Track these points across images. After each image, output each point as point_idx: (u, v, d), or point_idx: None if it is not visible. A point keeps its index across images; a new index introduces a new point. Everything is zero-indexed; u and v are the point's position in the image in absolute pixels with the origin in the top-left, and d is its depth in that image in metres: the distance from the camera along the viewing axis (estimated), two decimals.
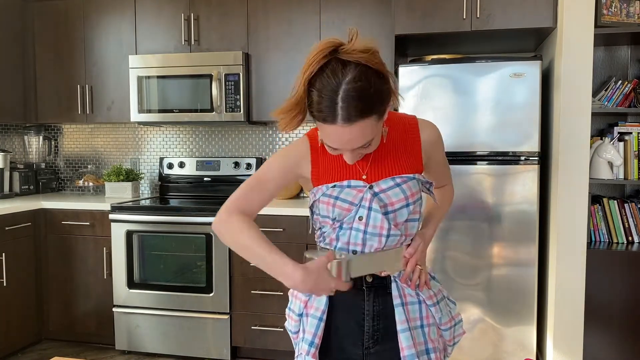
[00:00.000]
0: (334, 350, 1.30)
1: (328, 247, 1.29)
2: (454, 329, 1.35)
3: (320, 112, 1.07)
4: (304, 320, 1.32)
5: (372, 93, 1.06)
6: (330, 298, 1.29)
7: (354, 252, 1.25)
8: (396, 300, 1.26)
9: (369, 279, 1.27)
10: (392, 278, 1.27)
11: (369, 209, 1.21)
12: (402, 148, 1.26)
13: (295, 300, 1.35)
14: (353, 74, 1.05)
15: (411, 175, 1.24)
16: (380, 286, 1.27)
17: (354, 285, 1.25)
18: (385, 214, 1.22)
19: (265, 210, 2.98)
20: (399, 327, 1.24)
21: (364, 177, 1.24)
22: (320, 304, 1.29)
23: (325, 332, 1.29)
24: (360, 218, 1.22)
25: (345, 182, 1.23)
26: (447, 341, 1.35)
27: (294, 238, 2.96)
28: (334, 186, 1.23)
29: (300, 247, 2.94)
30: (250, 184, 1.28)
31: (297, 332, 1.34)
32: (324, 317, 1.28)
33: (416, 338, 1.25)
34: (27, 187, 3.75)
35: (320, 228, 1.30)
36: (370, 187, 1.22)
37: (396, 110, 1.74)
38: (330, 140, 1.12)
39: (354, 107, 1.05)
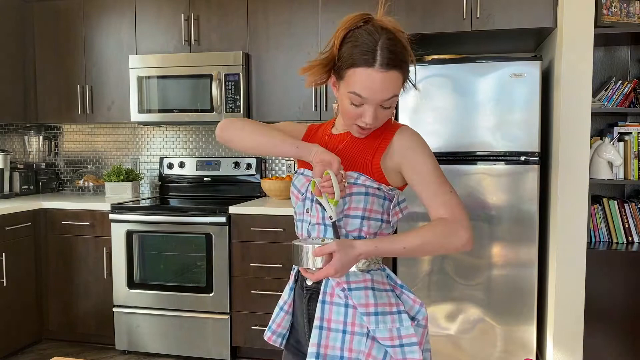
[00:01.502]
0: (298, 344, 1.35)
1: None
2: (400, 349, 1.18)
3: (361, 55, 1.14)
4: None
5: (404, 52, 1.19)
6: (293, 293, 1.34)
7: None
8: (320, 297, 1.23)
9: (309, 283, 1.27)
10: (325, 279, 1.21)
11: (312, 200, 1.25)
12: (368, 147, 1.25)
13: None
14: (389, 34, 1.17)
15: (355, 173, 1.22)
16: (315, 290, 1.26)
17: (301, 285, 1.31)
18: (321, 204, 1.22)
19: (265, 211, 2.98)
20: (314, 322, 1.21)
21: None
22: (285, 294, 1.36)
23: (293, 325, 1.36)
24: (308, 210, 1.26)
25: (301, 170, 1.31)
26: (395, 359, 1.19)
27: (294, 238, 2.95)
28: (295, 172, 1.34)
29: None
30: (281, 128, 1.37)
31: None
32: (286, 308, 1.35)
33: (329, 340, 1.19)
34: (27, 187, 3.75)
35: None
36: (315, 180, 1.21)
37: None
38: (362, 87, 1.14)
39: (392, 56, 1.15)
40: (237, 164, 3.58)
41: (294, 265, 1.30)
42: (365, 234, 1.22)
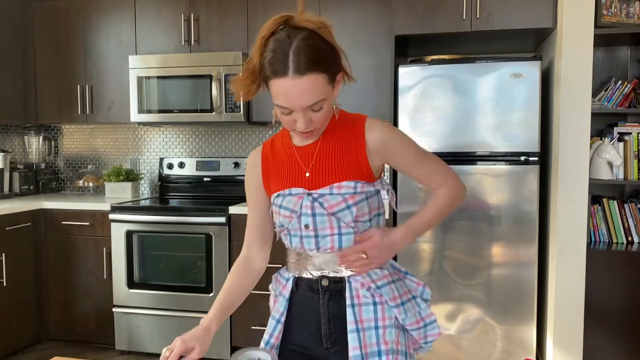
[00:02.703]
0: (300, 347, 1.34)
1: (290, 250, 1.34)
2: (424, 329, 1.32)
3: (272, 65, 1.11)
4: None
5: (322, 51, 1.13)
6: (290, 302, 1.33)
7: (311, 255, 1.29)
8: (348, 302, 1.26)
9: (325, 283, 1.28)
10: (347, 280, 1.27)
11: (313, 215, 1.25)
12: (346, 152, 1.26)
13: (271, 298, 1.43)
14: (304, 34, 1.12)
15: (351, 182, 1.24)
16: (335, 290, 1.28)
17: (311, 288, 1.30)
18: (332, 215, 1.24)
19: None
20: (348, 327, 1.25)
21: (307, 174, 1.27)
22: (280, 306, 1.34)
23: (290, 331, 1.34)
24: (307, 226, 1.26)
25: (287, 191, 1.28)
26: (417, 339, 1.32)
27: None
28: (278, 195, 1.29)
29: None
30: (248, 214, 1.39)
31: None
32: (282, 319, 1.33)
33: (366, 339, 1.25)
34: (27, 187, 3.75)
35: (278, 235, 1.36)
36: (309, 194, 1.25)
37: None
38: (282, 98, 1.13)
39: (305, 60, 1.10)
40: (237, 164, 3.58)
41: (288, 275, 1.34)
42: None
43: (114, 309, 3.21)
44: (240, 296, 1.37)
